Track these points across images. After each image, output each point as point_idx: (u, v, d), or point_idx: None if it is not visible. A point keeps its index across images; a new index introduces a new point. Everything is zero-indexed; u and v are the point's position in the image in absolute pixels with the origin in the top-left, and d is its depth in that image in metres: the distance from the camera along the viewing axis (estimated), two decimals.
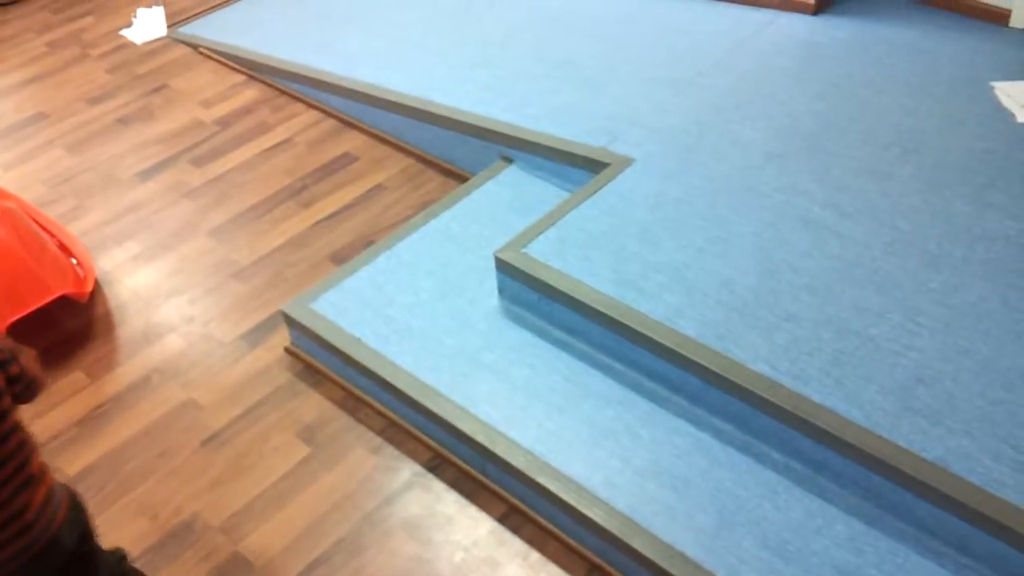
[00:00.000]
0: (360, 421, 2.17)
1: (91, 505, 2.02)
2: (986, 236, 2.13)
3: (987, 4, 2.95)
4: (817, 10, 3.08)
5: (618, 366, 2.07)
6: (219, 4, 3.95)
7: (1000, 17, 2.93)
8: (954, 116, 2.53)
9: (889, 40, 2.91)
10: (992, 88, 2.63)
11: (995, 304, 1.96)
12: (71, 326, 2.49)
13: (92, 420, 2.23)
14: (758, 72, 2.82)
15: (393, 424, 2.15)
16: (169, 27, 3.84)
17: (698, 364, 1.90)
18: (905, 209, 2.23)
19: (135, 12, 3.94)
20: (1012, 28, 2.91)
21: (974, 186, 2.28)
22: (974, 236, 2.13)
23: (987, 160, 2.36)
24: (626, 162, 2.46)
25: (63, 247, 2.61)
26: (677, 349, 1.93)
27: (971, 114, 2.54)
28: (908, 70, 2.76)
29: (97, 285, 2.59)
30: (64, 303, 2.43)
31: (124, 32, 3.86)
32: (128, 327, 2.47)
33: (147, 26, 3.85)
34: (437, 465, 2.06)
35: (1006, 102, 2.56)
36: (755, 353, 1.90)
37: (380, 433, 2.14)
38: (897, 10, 3.07)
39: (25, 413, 2.23)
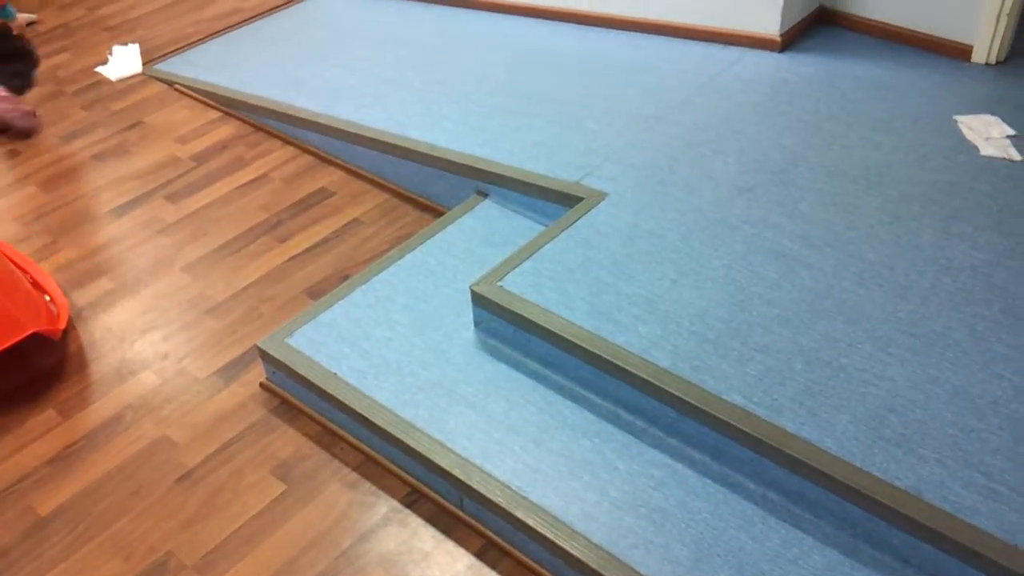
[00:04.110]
0: (336, 456, 2.16)
1: (63, 545, 2.00)
2: (952, 267, 2.17)
3: (950, 40, 3.03)
4: (783, 47, 3.15)
5: (594, 398, 2.09)
6: (195, 41, 3.97)
7: (962, 52, 3.01)
8: (919, 150, 2.59)
9: (854, 76, 2.98)
10: (956, 122, 2.69)
11: (962, 333, 1.99)
12: (44, 363, 2.47)
13: (64, 459, 2.21)
14: (727, 108, 2.87)
15: (369, 459, 2.15)
16: (145, 64, 3.85)
17: (673, 395, 1.92)
18: (873, 241, 2.27)
19: (111, 49, 3.95)
20: (974, 63, 2.99)
21: (940, 218, 2.32)
22: (940, 267, 2.17)
23: (952, 192, 2.41)
24: (600, 196, 2.49)
25: (36, 284, 2.59)
26: (652, 380, 1.94)
27: (936, 147, 2.59)
28: (873, 105, 2.82)
29: (70, 322, 2.58)
30: (37, 340, 2.41)
31: (100, 69, 3.86)
32: (101, 364, 2.46)
33: (123, 63, 3.86)
34: (414, 500, 2.05)
35: (969, 135, 2.62)
36: (729, 384, 1.92)
37: (356, 468, 2.13)
38: (861, 47, 3.15)
39: None
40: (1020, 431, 1.77)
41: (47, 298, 2.56)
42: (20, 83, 3.49)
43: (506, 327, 2.20)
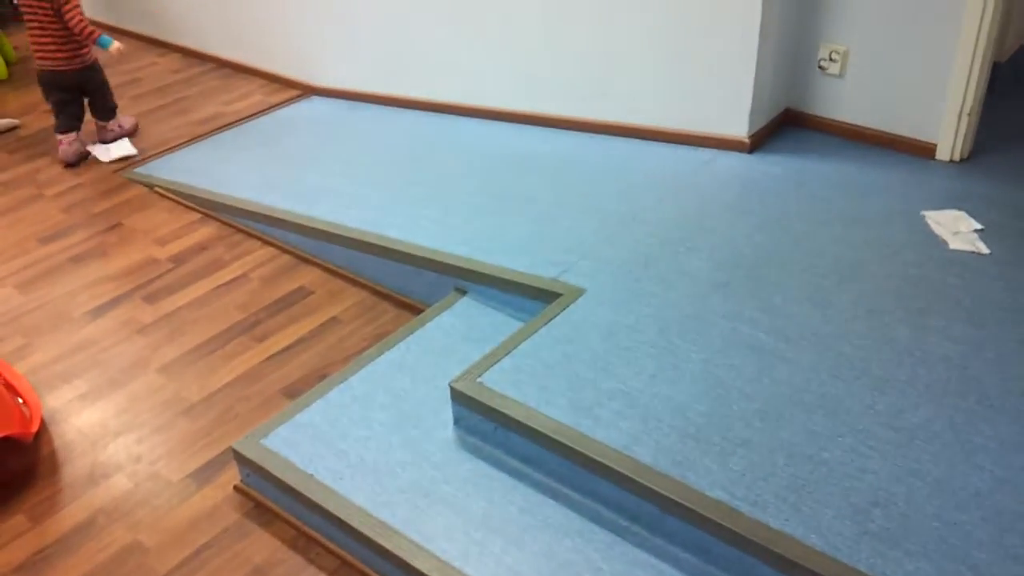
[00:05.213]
0: (311, 562, 2.11)
1: None
2: (927, 359, 2.19)
3: (914, 139, 3.13)
4: (752, 148, 3.24)
5: (576, 496, 2.06)
6: (177, 145, 4.03)
7: (927, 150, 3.11)
8: (889, 245, 2.65)
9: (823, 175, 3.06)
10: (924, 217, 2.76)
11: (942, 425, 2.00)
12: (14, 467, 2.41)
13: (33, 565, 2.13)
14: (700, 206, 2.93)
15: (346, 564, 2.09)
16: (126, 167, 3.90)
17: (655, 492, 1.89)
18: (848, 334, 2.29)
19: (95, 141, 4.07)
20: (939, 160, 3.09)
21: (912, 311, 2.36)
22: (916, 359, 2.19)
23: (923, 286, 2.45)
24: (577, 292, 2.51)
25: (9, 386, 2.55)
26: (634, 477, 1.92)
27: (905, 242, 2.65)
28: (843, 203, 2.89)
29: (43, 425, 2.53)
30: (8, 443, 2.36)
31: (92, 150, 3.97)
32: (73, 467, 2.40)
33: (114, 147, 3.97)
34: None
35: (937, 230, 2.68)
36: (711, 479, 1.90)
37: (332, 574, 2.07)
38: (828, 147, 3.24)
39: None
40: (1003, 522, 1.76)
41: (20, 400, 2.52)
42: (106, 115, 4.03)
43: (486, 424, 2.19)
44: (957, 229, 2.68)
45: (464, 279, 2.76)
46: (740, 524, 1.79)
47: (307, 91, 4.46)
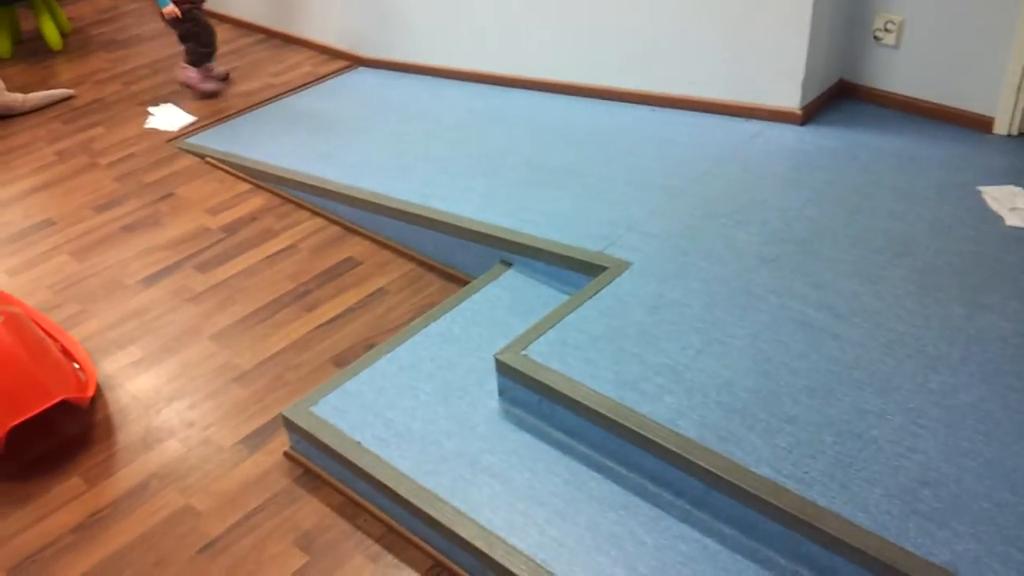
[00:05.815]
0: (359, 527, 2.14)
1: None
2: (982, 337, 2.15)
3: (971, 112, 3.05)
4: (804, 120, 3.18)
5: (620, 469, 2.06)
6: (226, 116, 4.07)
7: (984, 124, 3.03)
8: (943, 220, 2.59)
9: (876, 148, 3.00)
10: (980, 193, 2.70)
11: (995, 405, 1.96)
12: (71, 431, 2.48)
13: (89, 527, 2.20)
14: (749, 179, 2.90)
15: (392, 530, 2.13)
16: (176, 138, 3.95)
17: (701, 467, 1.89)
18: (900, 311, 2.25)
19: (149, 111, 4.14)
20: (996, 134, 3.01)
21: (967, 288, 2.31)
22: (970, 337, 2.15)
23: (978, 263, 2.40)
24: (624, 265, 2.50)
25: (66, 352, 2.62)
26: (679, 452, 1.92)
27: (960, 218, 2.59)
28: (896, 176, 2.83)
29: (98, 390, 2.60)
30: (64, 407, 2.43)
31: (153, 125, 4.07)
32: (128, 432, 2.47)
33: (170, 117, 4.05)
34: (437, 573, 2.03)
35: (994, 206, 2.62)
36: (757, 456, 1.89)
37: (379, 540, 2.11)
38: (882, 120, 3.17)
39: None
40: None
41: (76, 366, 2.59)
42: (195, 58, 4.28)
43: (531, 396, 2.20)
44: (1014, 205, 2.61)
45: (510, 251, 2.77)
46: (786, 501, 1.79)
47: (355, 62, 4.48)
